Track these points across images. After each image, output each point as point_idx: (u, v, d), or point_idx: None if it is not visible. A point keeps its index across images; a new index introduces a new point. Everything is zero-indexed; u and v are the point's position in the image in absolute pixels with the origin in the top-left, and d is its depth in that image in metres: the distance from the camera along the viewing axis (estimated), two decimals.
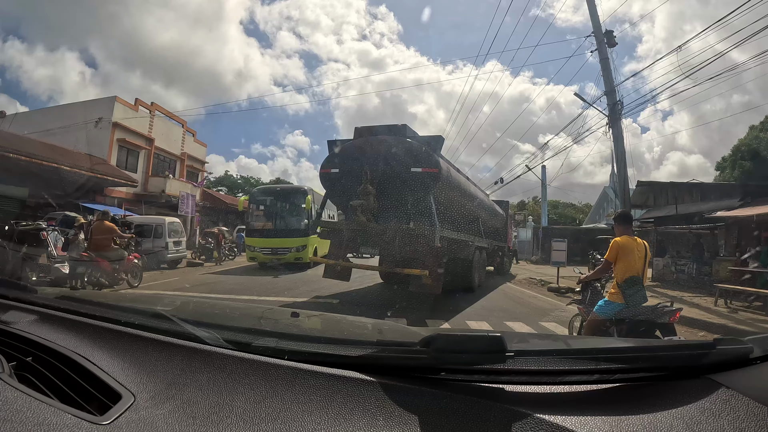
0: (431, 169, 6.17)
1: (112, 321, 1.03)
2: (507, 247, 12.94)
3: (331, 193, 7.08)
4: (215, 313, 1.59)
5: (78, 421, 0.63)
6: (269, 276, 10.58)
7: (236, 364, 0.81)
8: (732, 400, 0.70)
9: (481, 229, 9.04)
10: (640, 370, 0.84)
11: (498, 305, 7.16)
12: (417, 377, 0.77)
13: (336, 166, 6.70)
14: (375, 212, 6.33)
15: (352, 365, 0.78)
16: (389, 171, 6.19)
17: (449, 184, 6.85)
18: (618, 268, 3.37)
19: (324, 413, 0.67)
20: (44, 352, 0.86)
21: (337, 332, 1.38)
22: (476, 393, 0.74)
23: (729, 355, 0.86)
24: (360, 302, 7.13)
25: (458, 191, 7.46)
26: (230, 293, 7.43)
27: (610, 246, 3.46)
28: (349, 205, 6.55)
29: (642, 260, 3.37)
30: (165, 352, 0.88)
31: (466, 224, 8.14)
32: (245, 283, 9.49)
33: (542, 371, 0.80)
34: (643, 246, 3.45)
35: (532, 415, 0.66)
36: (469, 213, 8.27)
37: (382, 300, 7.42)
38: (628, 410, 0.69)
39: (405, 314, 5.64)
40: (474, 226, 8.69)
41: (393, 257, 6.74)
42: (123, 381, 0.76)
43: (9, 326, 0.99)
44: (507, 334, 0.86)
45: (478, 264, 8.40)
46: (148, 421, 0.65)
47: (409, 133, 6.65)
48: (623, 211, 3.86)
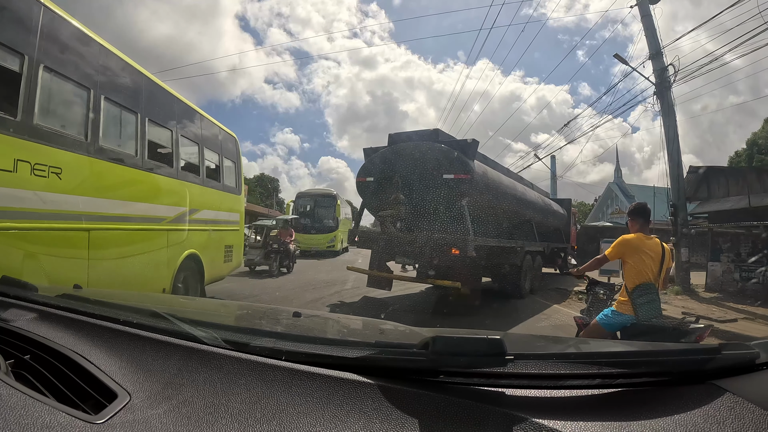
0: (463, 176, 5.92)
1: (110, 320, 1.03)
2: (570, 247, 12.21)
3: (367, 201, 7.03)
4: (214, 313, 1.57)
5: (72, 419, 0.62)
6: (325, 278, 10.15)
7: (233, 365, 0.80)
8: (737, 407, 0.68)
9: (535, 231, 8.51)
10: (643, 375, 0.82)
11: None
12: (415, 380, 0.76)
13: (371, 174, 6.67)
14: (407, 221, 6.19)
15: (350, 367, 0.77)
16: (421, 178, 6.04)
17: (487, 188, 6.52)
18: (627, 271, 2.89)
19: (320, 415, 0.66)
20: (42, 350, 0.87)
21: (335, 333, 1.38)
22: (475, 396, 0.72)
23: (734, 360, 0.84)
24: (398, 304, 6.96)
25: (500, 194, 7.08)
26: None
27: (615, 242, 2.97)
28: (378, 215, 6.56)
29: (657, 264, 2.85)
30: (162, 351, 0.87)
31: (513, 228, 7.78)
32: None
33: (543, 375, 0.77)
34: (660, 248, 2.91)
35: (532, 420, 0.64)
36: (516, 216, 7.87)
37: (427, 304, 7.24)
38: (630, 416, 0.67)
39: (402, 318, 5.38)
40: (524, 229, 8.25)
41: (427, 267, 6.57)
42: (119, 380, 0.75)
43: (8, 324, 0.99)
44: (507, 337, 0.85)
45: (530, 269, 7.95)
46: (143, 421, 0.64)
47: (442, 137, 6.46)
48: (640, 204, 3.14)
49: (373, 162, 6.69)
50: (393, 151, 6.59)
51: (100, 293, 1.99)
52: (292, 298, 7.27)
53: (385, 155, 6.61)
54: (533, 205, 8.87)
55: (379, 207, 6.57)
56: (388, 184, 6.26)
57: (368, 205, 7.06)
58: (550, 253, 9.79)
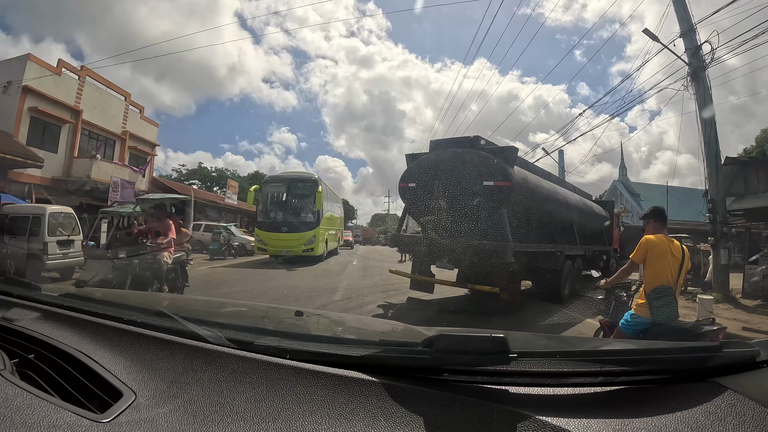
0: (503, 183, 6.03)
1: (114, 319, 1.03)
2: (613, 250, 12.11)
3: (409, 207, 7.18)
4: (218, 312, 1.59)
5: (78, 418, 0.62)
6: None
7: (238, 363, 0.80)
8: (738, 404, 0.69)
9: (576, 235, 8.54)
10: (645, 373, 0.83)
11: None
12: (419, 378, 0.76)
13: (412, 180, 6.80)
14: (447, 227, 6.34)
15: (354, 365, 0.78)
16: (460, 185, 6.17)
17: (526, 194, 6.61)
18: (647, 273, 2.88)
19: (325, 413, 0.66)
20: (47, 350, 0.87)
21: (339, 332, 1.40)
22: (479, 394, 0.73)
23: (735, 358, 0.85)
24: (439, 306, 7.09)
25: (540, 200, 7.14)
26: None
27: (639, 243, 2.94)
28: (420, 221, 6.81)
29: (677, 268, 2.87)
30: (167, 350, 0.87)
31: (553, 233, 7.84)
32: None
33: (546, 373, 0.78)
34: (681, 250, 2.94)
35: (535, 417, 0.65)
36: (557, 220, 7.93)
37: (472, 306, 7.33)
38: (633, 413, 0.68)
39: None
40: (565, 233, 8.34)
41: (467, 273, 6.80)
42: (125, 379, 0.76)
43: (12, 323, 1.00)
44: (510, 335, 0.83)
45: (570, 274, 7.94)
46: (149, 420, 0.64)
47: (483, 143, 6.55)
48: (656, 208, 3.22)
49: (415, 168, 6.82)
50: (434, 157, 6.71)
51: (103, 292, 2.04)
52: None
53: (427, 161, 6.74)
54: (574, 208, 8.80)
55: (421, 212, 6.76)
56: (430, 190, 6.41)
57: (410, 210, 7.19)
58: (591, 256, 9.65)
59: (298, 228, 13.24)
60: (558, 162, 21.32)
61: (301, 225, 13.35)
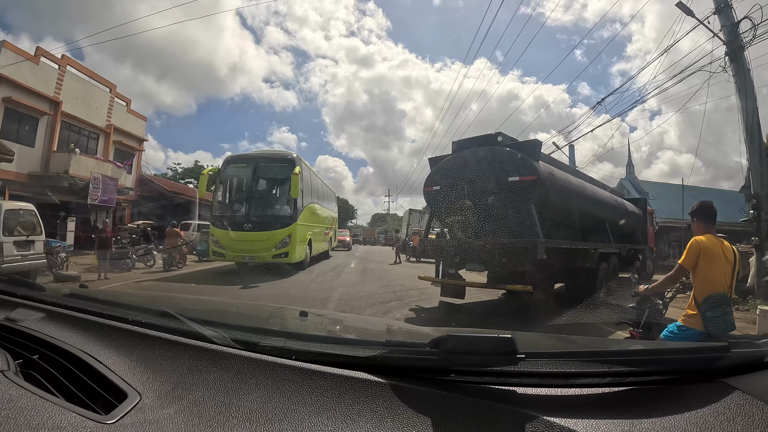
0: (529, 177, 5.84)
1: (119, 319, 1.03)
2: (649, 249, 11.74)
3: (435, 210, 7.06)
4: (223, 312, 1.61)
5: (82, 420, 0.62)
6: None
7: (243, 364, 0.81)
8: (747, 405, 0.68)
9: (609, 232, 8.19)
10: (653, 373, 0.82)
11: None
12: (426, 378, 0.76)
13: (437, 183, 6.71)
14: (474, 227, 6.22)
15: (360, 366, 0.77)
16: (485, 183, 6.06)
17: (554, 189, 6.36)
18: (698, 280, 2.57)
19: (331, 414, 0.66)
20: (51, 350, 0.86)
21: (345, 332, 1.41)
22: (486, 395, 0.72)
23: (744, 358, 0.84)
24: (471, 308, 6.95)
25: (569, 195, 6.88)
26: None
27: (688, 246, 2.62)
28: (446, 222, 6.70)
29: (730, 272, 2.58)
30: (172, 351, 0.87)
31: (586, 230, 7.56)
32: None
33: (553, 373, 0.78)
34: (732, 252, 2.64)
35: (543, 418, 0.64)
36: (588, 217, 7.62)
37: (506, 309, 7.20)
38: (641, 414, 0.67)
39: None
40: (598, 231, 7.99)
41: (498, 272, 6.57)
42: (129, 380, 0.75)
43: (16, 324, 0.99)
44: (518, 335, 0.81)
45: (605, 273, 7.62)
46: (154, 421, 0.64)
47: (505, 140, 6.43)
48: (704, 203, 2.82)
49: (438, 170, 6.76)
50: (457, 157, 6.66)
51: (107, 293, 2.01)
52: None
53: (450, 163, 6.69)
54: (606, 205, 8.52)
55: (447, 214, 6.63)
56: (455, 191, 6.34)
57: (436, 213, 7.09)
58: (626, 254, 9.26)
59: (266, 225, 9.82)
60: (569, 157, 20.69)
61: (272, 220, 9.91)
